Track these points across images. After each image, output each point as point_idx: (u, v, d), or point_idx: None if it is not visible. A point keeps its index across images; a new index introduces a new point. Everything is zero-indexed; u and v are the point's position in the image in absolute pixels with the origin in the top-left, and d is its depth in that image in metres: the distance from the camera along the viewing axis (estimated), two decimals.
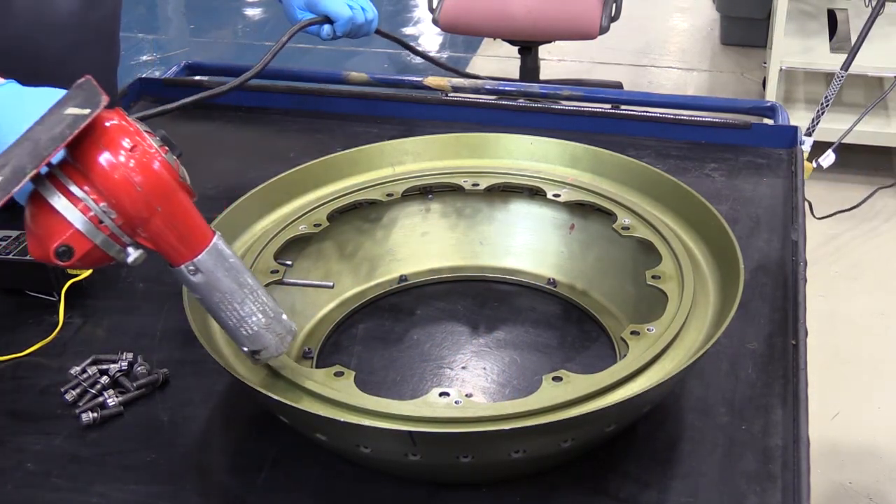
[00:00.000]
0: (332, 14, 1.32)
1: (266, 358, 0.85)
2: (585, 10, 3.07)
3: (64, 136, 0.72)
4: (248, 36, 4.68)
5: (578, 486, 0.85)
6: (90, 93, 0.76)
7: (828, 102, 2.55)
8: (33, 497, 0.86)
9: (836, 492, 2.13)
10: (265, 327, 0.83)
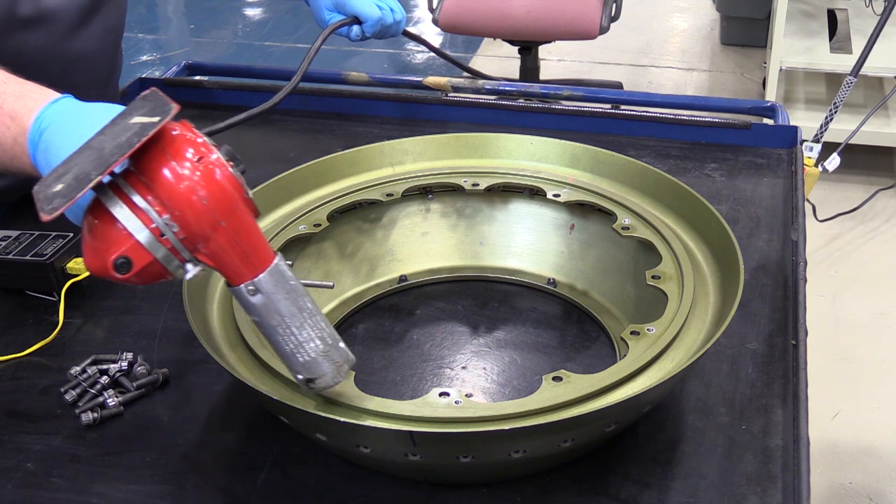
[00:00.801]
0: (361, 15, 1.31)
1: (321, 387, 0.81)
2: (585, 10, 3.07)
3: (131, 143, 0.70)
4: (248, 36, 4.69)
5: (578, 486, 0.85)
6: (157, 102, 0.74)
7: (836, 108, 2.55)
8: (33, 497, 0.86)
9: (836, 492, 2.13)
10: (323, 354, 0.80)
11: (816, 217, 2.84)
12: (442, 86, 1.55)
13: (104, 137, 0.73)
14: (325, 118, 1.52)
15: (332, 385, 0.81)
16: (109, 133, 0.73)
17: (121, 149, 0.69)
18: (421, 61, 4.31)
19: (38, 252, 1.09)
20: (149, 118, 0.72)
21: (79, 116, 0.83)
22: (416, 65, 4.28)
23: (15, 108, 0.85)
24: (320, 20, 1.35)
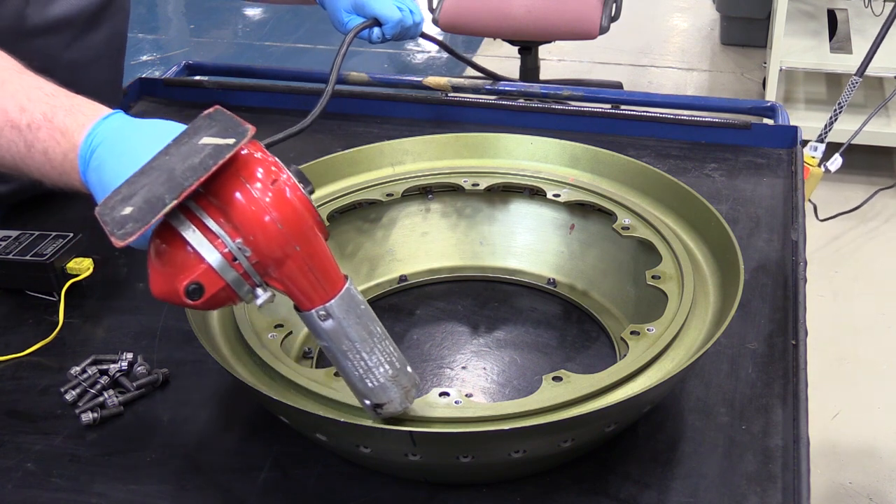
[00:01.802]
0: (381, 17, 1.29)
1: (389, 413, 0.79)
2: (585, 10, 3.07)
3: (206, 166, 0.68)
4: (248, 36, 4.69)
5: (578, 486, 0.85)
6: (228, 122, 0.73)
7: (841, 109, 2.55)
8: (33, 497, 0.86)
9: (836, 492, 2.13)
10: (391, 379, 0.78)
11: (818, 217, 2.84)
12: (442, 86, 1.55)
13: (171, 158, 0.71)
14: (325, 118, 1.51)
15: (401, 411, 0.80)
16: (176, 153, 0.71)
17: (195, 172, 0.68)
18: (421, 61, 4.31)
19: (38, 252, 1.09)
20: (222, 139, 0.70)
21: (132, 134, 0.81)
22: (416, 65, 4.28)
23: (66, 124, 0.83)
24: (338, 22, 1.33)
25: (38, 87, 0.87)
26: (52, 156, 0.83)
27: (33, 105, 0.85)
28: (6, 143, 0.85)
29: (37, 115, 0.84)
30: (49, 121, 0.84)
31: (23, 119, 0.84)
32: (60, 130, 0.83)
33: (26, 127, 0.84)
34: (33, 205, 1.28)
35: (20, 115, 0.84)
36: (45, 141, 0.83)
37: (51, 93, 0.86)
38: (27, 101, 0.85)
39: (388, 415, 0.80)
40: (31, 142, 0.84)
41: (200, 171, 0.68)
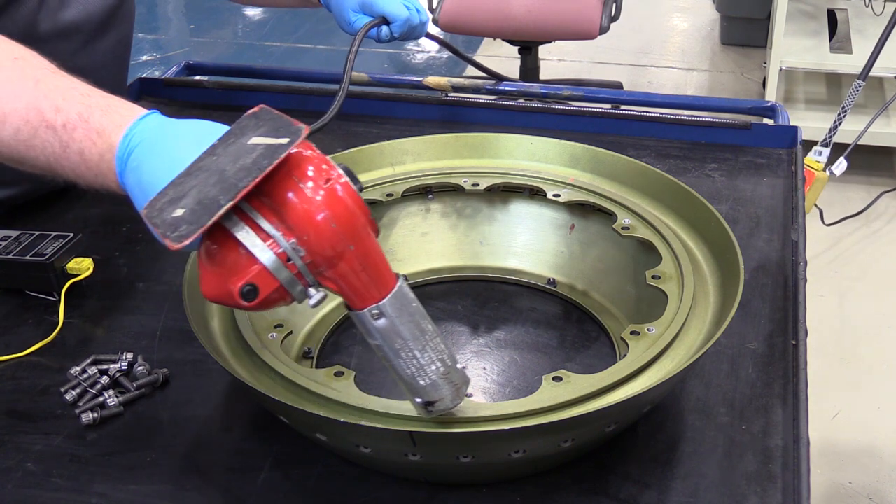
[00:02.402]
0: (389, 15, 1.29)
1: (440, 410, 0.79)
2: (585, 10, 3.07)
3: (261, 167, 0.67)
4: (248, 36, 4.69)
5: (578, 486, 0.85)
6: (277, 121, 0.72)
7: (845, 112, 2.55)
8: (33, 497, 0.86)
9: (836, 492, 2.13)
10: (443, 377, 0.78)
11: (824, 221, 2.83)
12: (442, 86, 1.55)
13: (219, 159, 0.70)
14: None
15: (451, 408, 0.79)
16: (224, 154, 0.70)
17: (250, 173, 0.67)
18: (421, 61, 4.31)
19: (38, 252, 1.09)
20: (274, 139, 0.69)
21: (171, 134, 0.80)
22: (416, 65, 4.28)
23: (102, 124, 0.82)
24: (345, 22, 1.32)
25: (73, 87, 0.86)
26: (87, 156, 0.82)
27: (69, 105, 0.84)
28: (41, 144, 0.84)
29: (72, 115, 0.83)
30: (85, 121, 0.82)
31: (58, 119, 0.83)
32: (97, 130, 0.82)
33: (62, 127, 0.83)
34: (33, 205, 1.28)
35: (55, 115, 0.83)
36: (81, 141, 0.82)
37: (86, 92, 0.85)
38: (62, 101, 0.84)
39: (439, 412, 0.79)
40: (66, 142, 0.83)
41: (255, 171, 0.67)
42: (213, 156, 0.71)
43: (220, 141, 0.72)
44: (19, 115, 0.84)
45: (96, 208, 1.29)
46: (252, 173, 0.67)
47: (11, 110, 0.85)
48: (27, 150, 0.85)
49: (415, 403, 0.80)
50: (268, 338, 0.92)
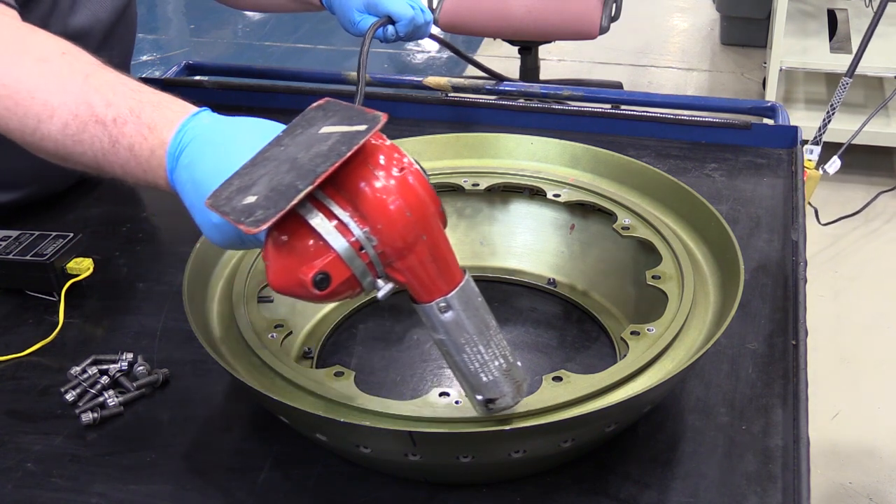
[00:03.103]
0: (395, 14, 1.28)
1: (501, 408, 0.78)
2: (585, 10, 3.07)
3: (339, 152, 0.66)
4: (248, 36, 4.69)
5: (578, 486, 0.85)
6: (349, 111, 0.72)
7: (833, 110, 2.56)
8: (33, 497, 0.86)
9: (836, 492, 2.13)
10: (505, 373, 0.77)
11: (819, 221, 2.84)
12: (442, 86, 1.55)
13: (287, 149, 0.70)
14: None
15: (512, 406, 0.79)
16: (293, 144, 0.70)
17: (327, 159, 0.66)
18: (421, 61, 4.32)
19: (38, 252, 1.09)
20: (349, 127, 0.69)
21: (226, 130, 0.79)
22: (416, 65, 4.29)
23: (154, 119, 0.81)
24: (349, 22, 1.31)
25: (123, 82, 0.86)
26: (137, 151, 0.81)
27: (119, 100, 0.83)
28: (89, 139, 0.83)
29: (123, 110, 0.82)
30: (136, 116, 0.82)
31: (108, 114, 0.82)
32: (148, 126, 0.81)
33: (112, 122, 0.82)
34: (33, 205, 1.28)
35: (106, 109, 0.83)
36: (132, 136, 0.81)
37: (136, 88, 0.85)
38: (113, 96, 0.83)
39: (499, 410, 0.79)
40: (116, 137, 0.82)
41: (333, 157, 0.66)
42: (280, 146, 0.71)
43: (285, 133, 0.72)
44: (68, 109, 0.84)
45: (96, 208, 1.29)
46: (330, 159, 0.66)
47: (60, 104, 0.84)
48: (74, 144, 0.84)
49: (475, 402, 0.79)
50: (268, 338, 0.92)
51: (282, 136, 0.72)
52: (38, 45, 0.90)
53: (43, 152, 0.88)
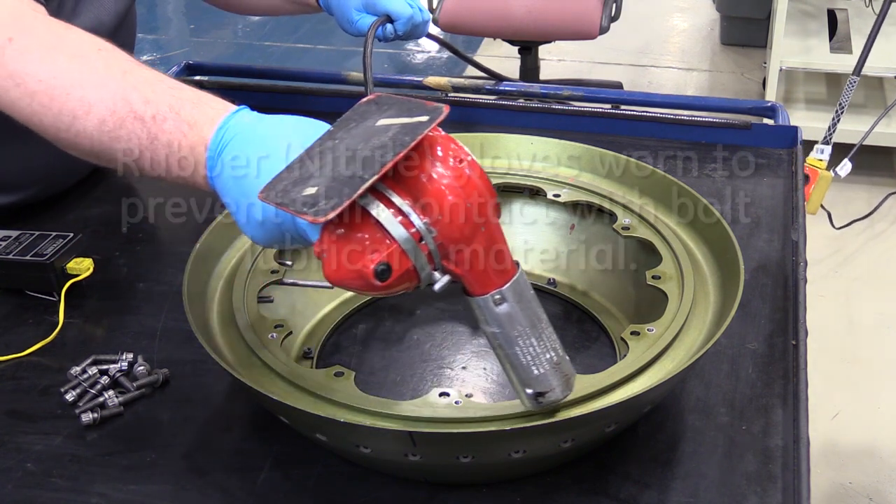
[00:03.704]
0: (393, 13, 1.28)
1: (551, 401, 0.79)
2: (585, 10, 3.07)
3: (403, 143, 0.67)
4: (248, 36, 4.69)
5: (578, 486, 0.85)
6: (407, 104, 0.72)
7: (843, 109, 2.55)
8: (33, 497, 0.86)
9: (836, 492, 2.13)
10: (555, 366, 0.77)
11: (833, 224, 2.82)
12: (442, 86, 1.55)
13: (342, 142, 0.70)
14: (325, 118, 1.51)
15: (561, 399, 0.79)
16: (348, 137, 0.70)
17: (391, 149, 0.67)
18: (421, 61, 4.32)
19: (38, 252, 1.09)
20: (409, 118, 0.69)
21: (269, 127, 0.79)
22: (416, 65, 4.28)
23: (194, 116, 0.81)
24: (348, 21, 1.31)
25: (160, 79, 0.85)
26: (176, 148, 0.81)
27: (158, 97, 0.83)
28: (126, 135, 0.83)
29: (162, 107, 0.82)
30: (176, 113, 0.81)
31: (147, 110, 0.82)
32: (188, 123, 0.81)
33: (151, 119, 0.82)
34: (34, 205, 1.28)
35: (145, 106, 0.82)
36: (171, 133, 0.81)
37: (174, 85, 0.84)
38: (151, 93, 0.83)
39: (549, 403, 0.79)
40: (154, 134, 0.81)
41: (396, 147, 0.67)
42: (334, 140, 0.71)
43: (336, 127, 0.72)
44: (106, 105, 0.83)
45: (96, 208, 1.29)
46: (393, 149, 0.67)
47: (98, 100, 0.84)
48: (111, 141, 0.84)
49: (524, 395, 0.79)
50: (268, 338, 0.92)
51: (334, 131, 0.72)
52: (74, 41, 0.90)
53: (76, 149, 0.88)
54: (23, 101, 0.87)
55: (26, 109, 0.88)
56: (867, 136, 2.64)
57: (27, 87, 0.87)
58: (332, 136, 0.72)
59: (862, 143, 2.62)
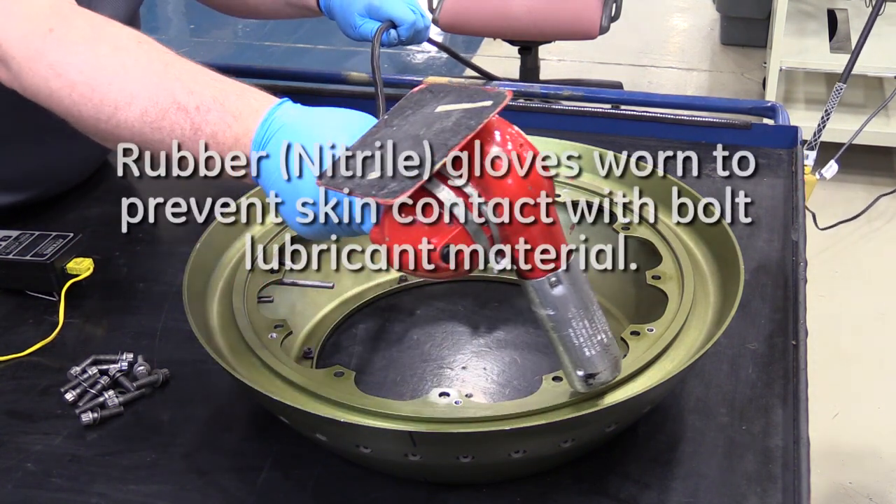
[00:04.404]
0: (397, 19, 1.29)
1: (600, 382, 0.80)
2: (585, 10, 3.07)
3: (469, 126, 0.69)
4: (248, 36, 4.68)
5: (578, 486, 0.85)
6: (467, 90, 0.74)
7: (829, 115, 2.55)
8: (33, 497, 0.86)
9: (836, 492, 2.13)
10: (605, 348, 0.79)
11: (817, 225, 2.83)
12: None
13: (400, 129, 0.71)
14: None
15: (610, 381, 0.81)
16: (406, 124, 0.72)
17: (457, 133, 0.69)
18: (421, 61, 4.32)
19: (38, 252, 1.09)
20: (471, 104, 0.71)
21: (317, 118, 0.80)
22: (416, 65, 4.28)
23: (238, 107, 0.81)
24: (350, 26, 1.31)
25: (203, 71, 0.86)
26: (220, 139, 0.81)
27: (201, 88, 0.83)
28: (169, 126, 0.83)
29: (206, 98, 0.82)
30: (220, 104, 0.81)
31: (191, 101, 0.82)
32: (232, 114, 0.81)
33: (195, 109, 0.82)
34: (34, 205, 1.28)
35: (188, 97, 0.82)
36: (215, 124, 0.81)
37: (217, 77, 0.85)
38: (194, 84, 0.83)
39: (598, 384, 0.80)
40: (198, 125, 0.81)
41: (463, 131, 0.68)
42: (391, 127, 0.72)
43: (391, 115, 0.74)
44: (148, 96, 0.83)
45: (96, 208, 1.29)
46: (459, 133, 0.68)
47: (140, 91, 0.84)
48: (153, 132, 0.83)
49: (575, 377, 0.80)
50: (268, 338, 0.92)
51: (389, 119, 0.74)
52: (114, 33, 0.90)
53: (115, 140, 0.87)
54: (62, 91, 0.87)
55: (66, 100, 0.87)
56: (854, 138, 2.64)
57: (68, 78, 0.87)
58: (389, 124, 0.73)
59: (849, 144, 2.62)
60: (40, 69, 0.88)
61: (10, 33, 0.90)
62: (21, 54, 0.90)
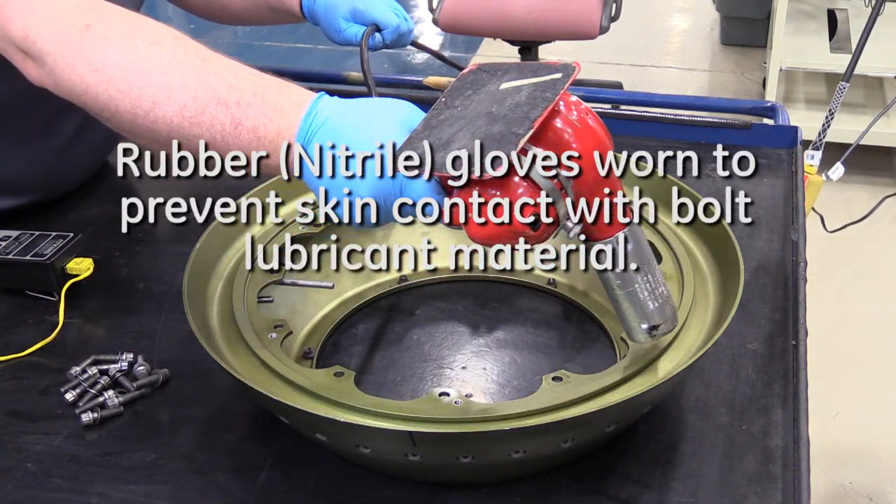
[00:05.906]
0: (381, 22, 1.29)
1: (663, 332, 0.85)
2: (585, 10, 3.07)
3: (546, 98, 0.72)
4: (247, 36, 4.68)
5: (578, 487, 0.85)
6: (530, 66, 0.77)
7: (832, 115, 2.55)
8: (33, 497, 0.86)
9: (836, 492, 2.13)
10: (666, 299, 0.84)
11: (826, 227, 2.82)
12: (442, 86, 1.55)
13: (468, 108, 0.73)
14: None
15: (670, 330, 0.86)
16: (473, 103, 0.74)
17: (535, 106, 0.71)
18: (421, 61, 4.31)
19: (38, 252, 1.09)
20: (539, 77, 0.74)
21: (362, 109, 0.80)
22: (416, 65, 4.28)
23: (279, 101, 0.81)
24: (335, 31, 1.31)
25: (241, 66, 0.85)
26: (262, 134, 0.81)
27: (241, 83, 0.83)
28: (209, 121, 0.82)
29: (246, 93, 0.82)
30: (260, 98, 0.81)
31: (231, 96, 0.82)
32: (274, 108, 0.81)
33: (235, 104, 0.82)
34: (34, 205, 1.28)
35: (228, 91, 0.82)
36: (256, 118, 0.81)
37: (255, 72, 0.85)
38: (234, 79, 0.83)
39: (661, 335, 0.85)
40: (238, 119, 0.81)
41: (542, 103, 0.72)
42: (454, 108, 0.74)
43: (450, 98, 0.76)
44: (187, 90, 0.83)
45: (96, 208, 1.29)
46: (538, 106, 0.71)
47: (178, 85, 0.84)
48: (191, 126, 0.83)
49: (639, 331, 0.85)
50: (268, 338, 0.92)
51: (449, 101, 0.76)
52: (150, 28, 0.89)
53: (152, 136, 0.87)
54: (99, 86, 0.87)
55: (102, 95, 0.87)
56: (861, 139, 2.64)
57: (105, 73, 0.86)
58: (451, 106, 0.74)
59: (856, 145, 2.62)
60: (77, 65, 0.88)
61: (44, 30, 0.89)
62: (57, 50, 0.89)
